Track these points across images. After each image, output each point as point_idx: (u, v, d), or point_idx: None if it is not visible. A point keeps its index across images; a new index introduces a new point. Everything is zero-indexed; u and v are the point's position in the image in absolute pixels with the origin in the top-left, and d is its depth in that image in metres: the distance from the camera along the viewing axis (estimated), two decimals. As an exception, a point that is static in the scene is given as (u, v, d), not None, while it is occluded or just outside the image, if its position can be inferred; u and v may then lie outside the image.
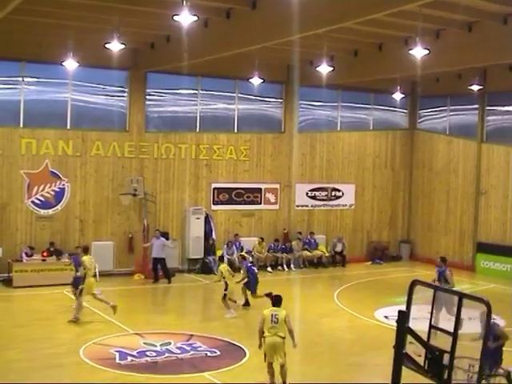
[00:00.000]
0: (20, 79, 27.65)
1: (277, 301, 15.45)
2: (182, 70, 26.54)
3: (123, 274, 28.85)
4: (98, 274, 25.73)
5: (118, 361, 16.85)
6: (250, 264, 24.78)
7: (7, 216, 27.47)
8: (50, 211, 28.15)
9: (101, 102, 29.20)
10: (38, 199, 27.93)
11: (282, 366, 14.72)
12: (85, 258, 21.34)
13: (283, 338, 14.74)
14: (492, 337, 13.22)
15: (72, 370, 16.31)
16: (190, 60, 24.54)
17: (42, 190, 27.96)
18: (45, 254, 27.19)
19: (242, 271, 24.24)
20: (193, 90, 30.88)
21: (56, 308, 22.86)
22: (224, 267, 22.84)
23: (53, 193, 28.17)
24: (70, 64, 25.28)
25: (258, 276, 24.05)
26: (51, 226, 28.17)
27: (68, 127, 28.46)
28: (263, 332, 14.80)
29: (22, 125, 27.69)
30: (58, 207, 28.29)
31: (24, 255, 26.84)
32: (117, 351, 17.53)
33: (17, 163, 27.53)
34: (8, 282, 26.38)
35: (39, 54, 26.97)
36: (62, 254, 27.28)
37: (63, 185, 28.31)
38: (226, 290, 22.30)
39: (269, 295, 23.36)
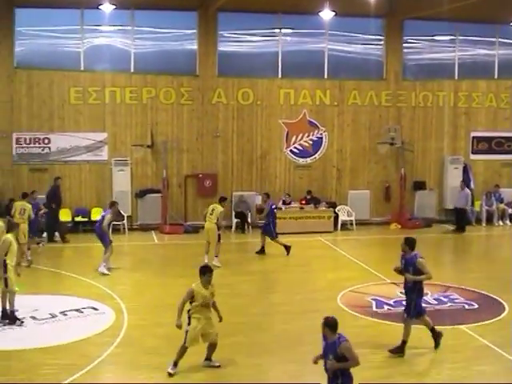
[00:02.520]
0: (277, 31, 28.25)
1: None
2: (440, 15, 25.80)
3: (379, 223, 28.90)
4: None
5: (374, 309, 16.93)
6: (273, 206, 23.97)
7: (267, 164, 28.40)
8: (308, 160, 28.73)
9: (357, 51, 29.20)
10: (297, 148, 28.59)
11: None
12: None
13: None
14: None
15: (329, 316, 16.58)
16: (448, 5, 23.74)
17: (300, 139, 28.57)
18: (303, 202, 27.79)
19: (264, 211, 23.54)
20: (450, 35, 29.96)
21: (313, 255, 23.36)
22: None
23: (311, 142, 28.71)
24: (327, 14, 25.34)
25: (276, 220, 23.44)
26: (309, 175, 28.76)
27: (325, 77, 28.77)
28: None
29: (280, 75, 28.35)
30: (316, 156, 28.79)
31: (282, 203, 27.60)
32: (373, 299, 17.62)
33: (276, 113, 28.31)
34: (268, 229, 27.27)
35: (296, 5, 27.30)
36: (320, 202, 27.76)
37: (321, 134, 28.74)
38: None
39: (287, 248, 22.60)
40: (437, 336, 14.02)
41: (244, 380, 9.04)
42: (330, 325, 10.16)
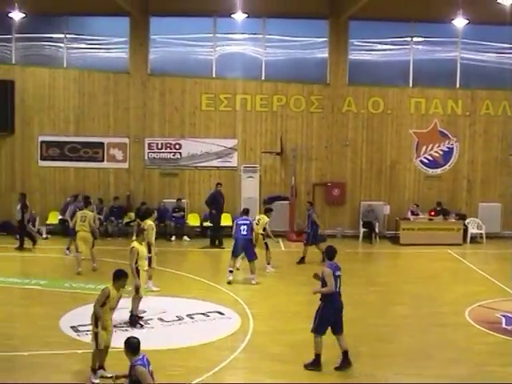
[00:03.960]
0: (409, 39, 27.95)
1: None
2: None
3: (511, 237, 28.06)
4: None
5: (504, 325, 16.44)
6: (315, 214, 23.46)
7: (396, 174, 28.11)
8: (438, 171, 28.25)
9: (491, 60, 28.48)
10: (427, 158, 28.18)
11: None
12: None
13: None
14: None
15: (457, 331, 16.19)
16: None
17: (431, 149, 28.14)
18: (432, 213, 27.33)
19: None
20: None
21: (441, 268, 22.95)
22: None
23: (441, 152, 28.24)
24: (460, 22, 24.82)
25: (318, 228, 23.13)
26: (438, 186, 28.27)
27: (457, 86, 28.24)
28: None
29: (411, 84, 28.04)
30: (446, 167, 28.28)
31: (410, 213, 27.24)
32: (503, 316, 17.11)
33: (406, 123, 28.02)
34: (395, 240, 26.98)
35: (428, 13, 26.99)
36: (449, 213, 27.22)
37: (452, 144, 28.22)
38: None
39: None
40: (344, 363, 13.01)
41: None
42: (129, 346, 9.74)
